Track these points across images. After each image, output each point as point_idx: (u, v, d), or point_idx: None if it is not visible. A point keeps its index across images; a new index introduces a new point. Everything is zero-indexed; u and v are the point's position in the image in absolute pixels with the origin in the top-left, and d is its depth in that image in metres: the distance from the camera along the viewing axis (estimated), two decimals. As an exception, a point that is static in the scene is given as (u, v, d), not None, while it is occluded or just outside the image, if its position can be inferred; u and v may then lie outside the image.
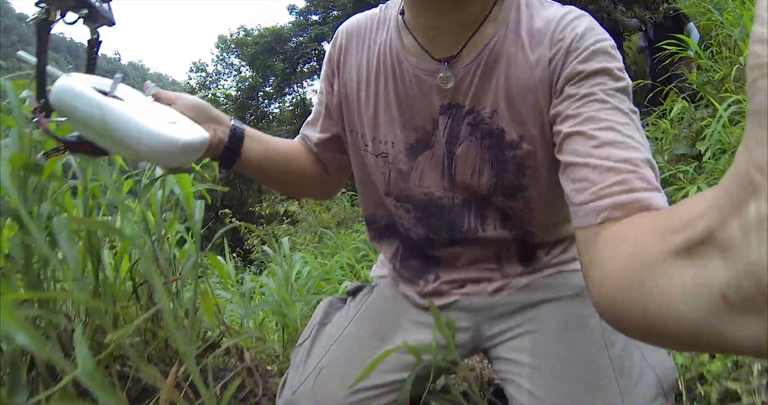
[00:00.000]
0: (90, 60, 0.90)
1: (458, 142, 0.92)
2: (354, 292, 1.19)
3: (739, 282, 0.30)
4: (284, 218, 8.04)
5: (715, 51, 3.29)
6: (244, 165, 0.97)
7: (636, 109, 0.76)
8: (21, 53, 0.88)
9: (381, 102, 0.95)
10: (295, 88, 21.95)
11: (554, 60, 0.81)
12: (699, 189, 2.23)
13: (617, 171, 0.65)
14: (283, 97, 22.22)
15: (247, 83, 21.45)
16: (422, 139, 0.94)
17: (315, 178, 1.11)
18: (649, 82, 4.60)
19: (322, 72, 1.06)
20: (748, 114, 0.29)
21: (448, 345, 0.93)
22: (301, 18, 20.76)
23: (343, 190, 7.81)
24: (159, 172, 1.19)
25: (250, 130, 0.98)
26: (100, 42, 0.89)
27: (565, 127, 0.75)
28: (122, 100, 0.83)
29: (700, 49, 3.60)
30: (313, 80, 21.63)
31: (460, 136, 0.91)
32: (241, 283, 2.25)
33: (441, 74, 0.88)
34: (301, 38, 20.51)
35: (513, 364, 0.94)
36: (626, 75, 0.78)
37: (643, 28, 5.98)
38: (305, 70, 21.21)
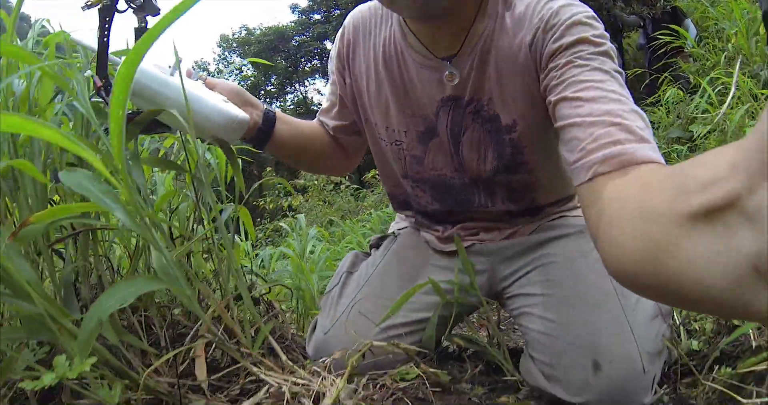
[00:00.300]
0: None
1: (462, 130, 1.01)
2: (377, 244, 1.30)
3: None
4: (288, 212, 8.13)
5: (708, 42, 3.42)
6: (275, 145, 1.08)
7: (621, 70, 0.79)
8: (73, 37, 0.95)
9: (390, 93, 1.04)
10: (297, 87, 22.08)
11: (534, 42, 0.88)
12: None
13: (600, 124, 0.67)
14: (284, 96, 22.35)
15: (248, 82, 21.53)
16: (430, 126, 1.03)
17: (332, 157, 1.22)
18: (646, 71, 4.70)
19: (333, 65, 1.14)
20: None
21: (470, 280, 1.03)
22: (304, 17, 20.86)
23: (347, 183, 7.94)
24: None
25: (279, 114, 1.08)
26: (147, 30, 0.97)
27: (552, 97, 0.79)
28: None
29: (696, 42, 3.75)
30: (314, 79, 21.76)
31: (464, 125, 1.00)
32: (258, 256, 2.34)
33: (446, 72, 0.96)
34: (304, 37, 20.60)
35: (526, 297, 1.05)
36: (607, 41, 0.82)
37: (642, 24, 6.08)
38: (307, 68, 21.32)
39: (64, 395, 0.77)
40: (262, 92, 21.68)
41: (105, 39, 0.86)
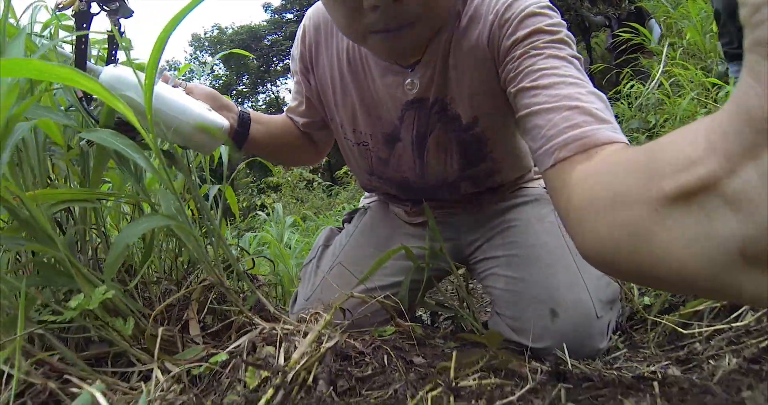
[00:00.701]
0: (111, 51, 0.95)
1: (429, 131, 1.04)
2: (349, 219, 1.39)
3: (762, 238, 0.28)
4: (261, 210, 8.17)
5: (668, 40, 3.60)
6: (250, 145, 1.11)
7: (579, 55, 0.80)
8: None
9: (355, 96, 1.06)
10: (269, 86, 22.00)
11: (491, 38, 0.88)
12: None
13: (558, 110, 0.67)
14: (256, 96, 22.26)
15: (220, 82, 21.38)
16: (395, 130, 1.07)
17: (304, 151, 1.28)
18: (611, 67, 4.89)
19: (296, 66, 1.14)
20: (753, 46, 0.26)
21: (440, 246, 1.12)
22: (276, 16, 20.80)
23: (320, 180, 8.00)
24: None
25: (253, 114, 1.11)
26: (122, 33, 0.93)
27: (511, 89, 0.80)
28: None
29: (659, 40, 3.96)
30: (286, 78, 21.68)
31: (429, 126, 1.04)
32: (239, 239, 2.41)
33: (407, 81, 0.97)
34: (276, 36, 20.53)
35: (490, 260, 1.15)
36: (563, 28, 0.82)
37: (608, 24, 6.28)
38: (279, 68, 21.25)
39: (69, 349, 0.83)
40: (234, 92, 21.56)
41: (82, 46, 0.86)
